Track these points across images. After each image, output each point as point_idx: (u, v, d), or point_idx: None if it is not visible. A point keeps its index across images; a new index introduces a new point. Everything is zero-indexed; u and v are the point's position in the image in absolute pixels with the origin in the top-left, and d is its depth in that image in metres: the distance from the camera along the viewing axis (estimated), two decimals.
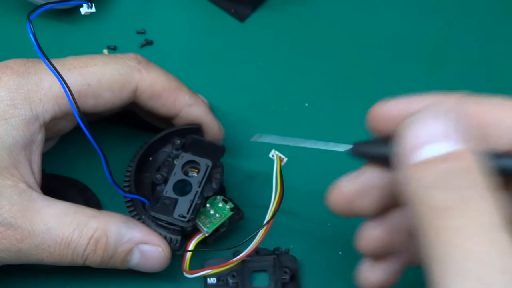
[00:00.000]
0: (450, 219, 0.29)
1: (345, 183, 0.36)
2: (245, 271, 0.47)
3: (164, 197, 0.44)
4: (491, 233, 0.29)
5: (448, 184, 0.30)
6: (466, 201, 0.29)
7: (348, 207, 0.36)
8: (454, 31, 0.59)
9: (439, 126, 0.30)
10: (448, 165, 0.30)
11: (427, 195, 0.30)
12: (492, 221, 0.29)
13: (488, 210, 0.29)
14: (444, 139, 0.30)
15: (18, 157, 0.42)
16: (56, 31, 0.58)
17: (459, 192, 0.29)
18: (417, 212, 0.30)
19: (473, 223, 0.29)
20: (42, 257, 0.42)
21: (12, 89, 0.42)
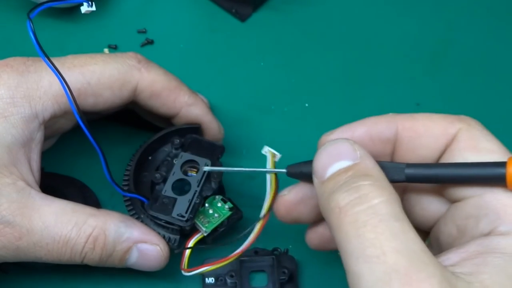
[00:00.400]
0: (348, 215, 0.33)
1: (285, 193, 0.41)
2: (244, 271, 0.47)
3: (163, 196, 0.44)
4: (384, 221, 0.32)
5: (346, 187, 0.34)
6: (363, 197, 0.33)
7: (288, 214, 0.41)
8: (456, 33, 0.59)
9: (340, 149, 0.36)
10: (348, 174, 0.35)
11: (329, 200, 0.35)
12: (386, 211, 0.33)
13: (383, 202, 0.33)
14: (345, 157, 0.36)
15: (17, 155, 0.42)
16: (57, 30, 0.58)
17: (356, 192, 0.34)
18: (326, 218, 0.35)
19: (369, 215, 0.33)
20: (40, 255, 0.42)
21: (11, 87, 0.42)
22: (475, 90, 0.56)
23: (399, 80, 0.57)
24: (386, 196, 0.34)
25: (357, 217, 0.33)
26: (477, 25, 0.59)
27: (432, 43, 0.58)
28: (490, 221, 0.34)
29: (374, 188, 0.34)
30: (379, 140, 0.39)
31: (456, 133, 0.37)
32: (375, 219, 0.33)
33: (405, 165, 0.37)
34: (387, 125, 0.38)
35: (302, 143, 0.54)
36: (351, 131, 0.39)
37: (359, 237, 0.32)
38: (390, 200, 0.33)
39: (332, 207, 0.34)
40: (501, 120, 0.55)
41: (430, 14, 0.60)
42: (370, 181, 0.34)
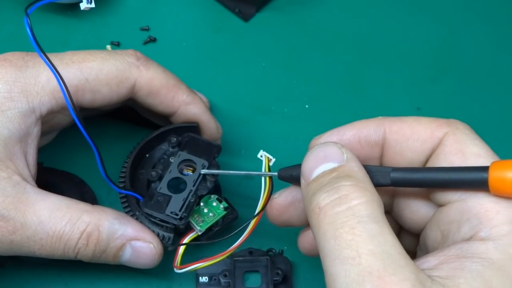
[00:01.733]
0: (327, 215, 0.33)
1: (276, 196, 0.41)
2: (237, 271, 0.47)
3: (158, 194, 0.44)
4: (362, 223, 0.33)
5: (327, 187, 0.35)
6: (343, 198, 0.33)
7: (279, 217, 0.41)
8: (458, 38, 0.59)
9: (327, 152, 0.36)
10: (331, 175, 0.35)
11: (311, 200, 0.35)
12: (365, 212, 0.33)
13: (362, 203, 0.33)
14: (331, 160, 0.36)
15: (14, 150, 0.42)
16: (61, 26, 0.58)
17: (336, 192, 0.34)
18: (308, 218, 0.35)
19: (348, 216, 0.33)
20: (34, 249, 0.42)
21: (9, 82, 0.42)
22: (476, 95, 0.56)
23: (400, 84, 0.57)
24: (367, 197, 0.34)
25: (336, 218, 0.33)
26: (479, 30, 0.59)
27: (434, 48, 0.58)
28: (472, 226, 0.34)
29: (355, 189, 0.34)
30: (367, 143, 0.39)
31: (443, 137, 0.37)
32: (353, 221, 0.33)
33: (391, 169, 0.37)
34: (375, 128, 0.39)
35: (301, 144, 0.53)
36: (340, 134, 0.39)
37: (336, 238, 0.33)
38: (371, 202, 0.33)
39: (313, 207, 0.34)
40: (501, 125, 0.55)
41: (433, 18, 0.60)
42: (352, 182, 0.34)
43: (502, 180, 0.33)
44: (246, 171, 0.45)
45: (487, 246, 0.33)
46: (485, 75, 0.57)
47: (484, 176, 0.34)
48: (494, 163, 0.34)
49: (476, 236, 0.34)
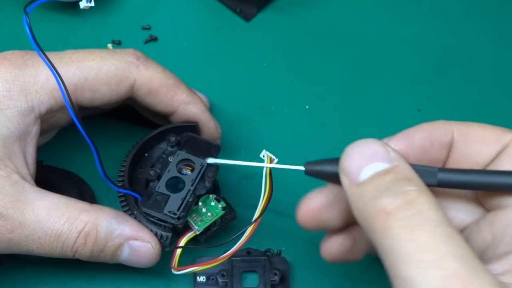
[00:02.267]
0: (397, 219, 0.32)
1: (313, 196, 0.39)
2: (235, 271, 0.47)
3: (156, 193, 0.45)
4: (437, 227, 0.31)
5: (391, 192, 0.33)
6: (411, 202, 0.32)
7: (316, 220, 0.39)
8: (460, 39, 0.59)
9: (373, 150, 0.35)
10: (389, 177, 0.34)
11: (372, 204, 0.33)
12: (437, 217, 0.32)
13: (432, 208, 0.32)
14: (380, 159, 0.35)
15: (13, 148, 0.42)
16: (62, 24, 0.59)
17: (403, 196, 0.33)
18: (366, 222, 0.34)
19: (420, 220, 0.32)
20: (32, 248, 0.42)
21: (8, 81, 0.42)
22: (477, 97, 0.56)
23: (401, 85, 0.56)
24: (434, 202, 0.33)
25: (409, 221, 0.32)
26: (481, 32, 0.59)
27: (435, 49, 0.58)
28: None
29: (421, 194, 0.33)
30: (440, 144, 0.38)
31: (509, 142, 0.37)
32: (428, 224, 0.32)
33: (437, 169, 0.36)
34: (445, 130, 0.38)
35: (301, 145, 0.54)
36: (410, 136, 0.38)
37: (412, 241, 0.31)
38: (438, 207, 0.33)
39: (376, 212, 0.33)
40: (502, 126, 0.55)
41: (435, 20, 0.60)
42: (415, 187, 0.33)
43: None
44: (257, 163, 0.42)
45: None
46: (487, 76, 0.57)
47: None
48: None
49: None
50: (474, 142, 0.38)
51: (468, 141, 0.38)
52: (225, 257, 0.43)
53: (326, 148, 0.54)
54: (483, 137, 0.38)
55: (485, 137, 0.38)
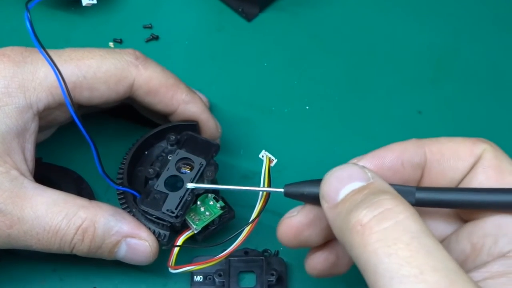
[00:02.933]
0: (374, 232, 0.31)
1: (293, 216, 0.39)
2: (232, 270, 0.47)
3: (155, 191, 0.45)
4: (416, 239, 0.31)
5: (366, 203, 0.33)
6: (387, 212, 0.32)
7: (297, 239, 0.39)
8: (461, 42, 0.59)
9: (350, 172, 0.35)
10: (363, 192, 0.34)
11: (348, 219, 0.33)
12: (415, 227, 0.31)
13: (410, 217, 0.32)
14: (356, 179, 0.35)
15: (11, 145, 0.42)
16: (64, 22, 0.59)
17: (378, 206, 0.32)
18: (344, 238, 0.33)
19: (399, 232, 0.31)
20: (31, 243, 0.42)
21: (7, 77, 0.42)
22: (477, 100, 0.56)
23: (402, 87, 0.56)
24: (411, 211, 0.32)
25: (386, 234, 0.31)
26: (482, 35, 0.59)
27: (437, 52, 0.58)
28: (509, 241, 0.34)
29: (397, 203, 0.33)
30: (410, 165, 0.38)
31: (482, 153, 0.37)
32: (407, 236, 0.31)
33: (415, 189, 0.36)
34: (416, 150, 0.38)
35: (301, 146, 0.54)
36: (381, 157, 0.38)
37: (391, 255, 0.31)
38: (416, 216, 0.32)
39: (352, 226, 0.32)
40: (502, 129, 0.55)
41: (436, 22, 0.59)
42: (391, 196, 0.33)
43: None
44: (243, 186, 0.44)
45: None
46: (487, 79, 0.57)
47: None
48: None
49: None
50: (447, 159, 0.37)
51: (442, 159, 0.38)
52: (222, 256, 0.43)
53: (326, 148, 0.54)
54: (455, 152, 0.37)
55: (457, 152, 0.37)
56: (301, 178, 0.52)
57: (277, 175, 0.52)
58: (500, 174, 0.36)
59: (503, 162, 0.36)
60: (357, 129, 0.55)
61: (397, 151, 0.38)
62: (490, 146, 0.37)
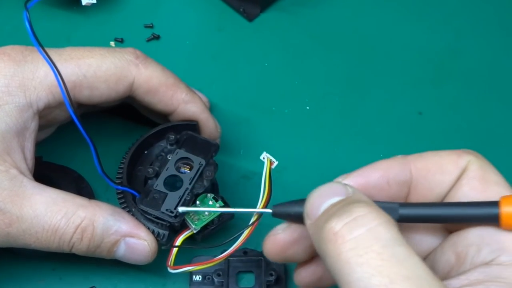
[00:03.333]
0: (347, 240, 0.32)
1: (278, 233, 0.39)
2: (231, 270, 0.47)
3: (154, 191, 0.45)
4: (387, 247, 0.31)
5: (338, 212, 0.33)
6: (359, 219, 0.32)
7: (282, 254, 0.39)
8: (463, 43, 0.58)
9: (332, 189, 0.35)
10: (340, 203, 0.34)
11: (323, 230, 0.33)
12: (387, 235, 0.31)
13: (382, 224, 0.32)
14: (337, 194, 0.35)
15: (11, 143, 0.42)
16: (65, 21, 0.59)
17: (350, 214, 0.32)
18: (321, 250, 0.33)
19: (370, 240, 0.31)
20: (30, 242, 0.43)
21: (7, 76, 0.42)
22: (478, 101, 0.56)
23: (403, 88, 0.56)
24: (384, 218, 0.32)
25: (357, 243, 0.31)
26: (484, 36, 0.59)
27: (438, 52, 0.58)
28: (492, 250, 0.34)
29: (370, 210, 0.33)
30: (396, 183, 0.38)
31: (467, 164, 0.37)
32: (378, 245, 0.31)
33: (398, 205, 0.36)
34: (401, 167, 0.38)
35: (301, 146, 0.54)
36: (366, 176, 0.38)
37: (362, 265, 0.31)
38: (389, 223, 0.32)
39: (326, 236, 0.33)
40: (503, 131, 0.54)
41: (438, 23, 0.59)
42: (364, 204, 0.33)
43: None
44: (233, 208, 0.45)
45: (510, 272, 0.33)
46: (488, 80, 0.57)
47: (495, 211, 0.34)
48: (504, 198, 0.34)
49: (497, 260, 0.34)
50: (433, 174, 0.37)
51: (427, 174, 0.37)
52: (221, 258, 0.43)
53: (326, 149, 0.54)
54: (441, 166, 0.37)
55: (443, 166, 0.37)
56: (301, 179, 0.52)
57: (278, 176, 0.52)
58: (485, 185, 0.36)
59: (488, 172, 0.36)
60: (357, 130, 0.55)
61: (382, 169, 0.38)
62: (475, 157, 0.37)
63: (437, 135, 0.54)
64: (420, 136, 0.54)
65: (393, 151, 0.45)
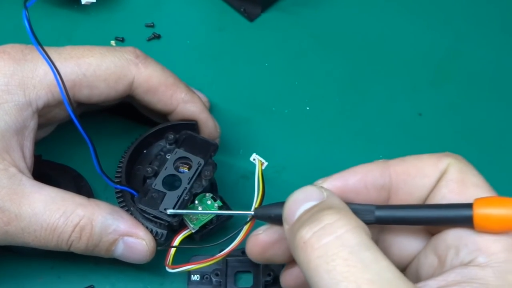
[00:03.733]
0: (315, 248, 0.33)
1: (259, 234, 0.40)
2: (229, 270, 0.47)
3: (152, 190, 0.45)
4: (354, 253, 0.32)
5: (309, 220, 0.34)
6: (328, 227, 0.33)
7: (262, 255, 0.40)
8: (464, 45, 0.58)
9: (308, 193, 0.36)
10: (312, 211, 0.35)
11: (295, 238, 0.34)
12: (354, 241, 0.32)
13: (350, 231, 0.33)
14: (312, 199, 0.36)
15: (10, 142, 0.42)
16: (66, 20, 0.59)
17: (319, 222, 0.33)
18: (295, 257, 0.34)
19: (338, 247, 0.32)
20: (28, 240, 0.43)
21: (7, 75, 0.43)
22: (478, 103, 0.56)
23: (403, 89, 0.56)
24: (352, 224, 0.33)
25: (325, 250, 0.32)
26: (484, 38, 0.59)
27: (438, 54, 0.58)
28: (470, 251, 0.34)
29: (339, 217, 0.34)
30: (374, 187, 0.38)
31: (446, 167, 0.37)
32: (345, 251, 0.32)
33: (375, 207, 0.37)
34: (381, 172, 0.38)
35: (300, 147, 0.54)
36: (344, 179, 0.38)
37: (330, 272, 0.32)
38: (357, 228, 0.33)
39: (297, 243, 0.34)
40: (503, 133, 0.54)
41: (439, 24, 0.59)
42: (333, 211, 0.34)
43: (486, 217, 0.34)
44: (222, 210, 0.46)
45: (486, 272, 0.33)
46: (488, 83, 0.57)
47: (469, 213, 0.34)
48: (477, 200, 0.35)
49: (474, 261, 0.34)
50: (413, 178, 0.38)
51: (408, 178, 0.38)
52: (219, 256, 0.43)
53: (325, 150, 0.54)
54: (421, 170, 0.38)
55: (423, 170, 0.38)
56: (300, 179, 0.51)
57: (276, 176, 0.52)
58: (463, 187, 0.36)
59: (467, 175, 0.37)
60: (357, 131, 0.55)
61: (361, 173, 0.38)
62: (455, 160, 0.37)
63: (436, 136, 0.54)
64: (420, 137, 0.54)
65: (393, 152, 0.45)
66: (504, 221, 0.34)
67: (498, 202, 0.34)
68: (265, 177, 0.52)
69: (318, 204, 0.35)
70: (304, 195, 0.36)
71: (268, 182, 0.51)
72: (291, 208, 0.36)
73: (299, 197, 0.36)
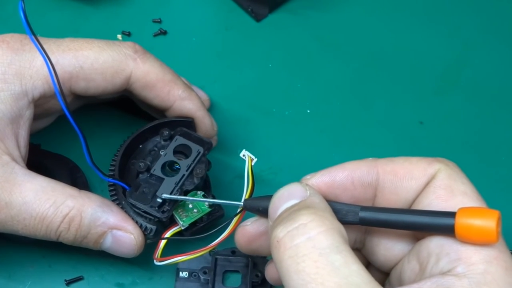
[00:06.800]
0: (288, 248, 0.33)
1: (246, 225, 0.40)
2: (218, 269, 0.47)
3: (143, 185, 0.45)
4: (324, 255, 0.32)
5: (285, 219, 0.34)
6: (301, 228, 0.33)
7: (248, 246, 0.41)
8: (468, 55, 0.58)
9: (291, 191, 0.37)
10: (291, 209, 0.35)
11: (272, 235, 0.34)
12: (326, 243, 0.32)
13: (322, 233, 0.33)
14: (295, 197, 0.36)
15: (5, 130, 0.43)
16: (74, 12, 0.59)
17: (293, 222, 0.33)
18: (272, 254, 0.35)
19: (309, 248, 0.32)
20: (17, 228, 0.43)
21: (4, 64, 0.43)
22: (479, 113, 0.55)
23: (405, 96, 0.56)
24: (326, 226, 0.33)
25: (296, 251, 0.33)
26: (489, 48, 0.58)
27: (441, 63, 0.57)
28: (450, 261, 0.34)
29: (313, 218, 0.33)
30: (361, 184, 0.38)
31: (435, 173, 0.37)
32: (315, 253, 0.32)
33: (359, 208, 0.37)
34: (368, 169, 0.38)
35: (299, 149, 0.54)
36: (332, 175, 0.38)
37: (299, 272, 0.32)
38: (330, 231, 0.33)
39: (272, 242, 0.34)
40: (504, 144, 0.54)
41: (443, 33, 0.59)
42: (310, 211, 0.34)
43: (467, 227, 0.33)
44: (213, 199, 0.46)
45: (462, 283, 0.33)
46: (490, 92, 0.56)
47: (451, 222, 0.34)
48: (461, 209, 0.34)
49: (453, 271, 0.34)
50: (401, 179, 0.37)
51: (395, 179, 0.37)
52: (207, 248, 0.43)
53: (323, 154, 0.53)
54: (409, 172, 0.37)
55: (412, 172, 0.37)
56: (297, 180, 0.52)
57: (273, 177, 0.52)
58: (450, 194, 0.36)
59: (456, 182, 0.36)
60: (356, 136, 0.54)
61: (349, 169, 0.38)
62: (445, 166, 0.37)
63: (437, 145, 0.54)
64: (420, 145, 0.54)
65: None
66: (484, 233, 0.33)
67: (481, 213, 0.34)
68: (262, 178, 0.52)
69: (299, 203, 0.35)
70: (288, 192, 0.37)
71: (265, 183, 0.52)
72: (274, 205, 0.37)
73: (284, 194, 0.37)
